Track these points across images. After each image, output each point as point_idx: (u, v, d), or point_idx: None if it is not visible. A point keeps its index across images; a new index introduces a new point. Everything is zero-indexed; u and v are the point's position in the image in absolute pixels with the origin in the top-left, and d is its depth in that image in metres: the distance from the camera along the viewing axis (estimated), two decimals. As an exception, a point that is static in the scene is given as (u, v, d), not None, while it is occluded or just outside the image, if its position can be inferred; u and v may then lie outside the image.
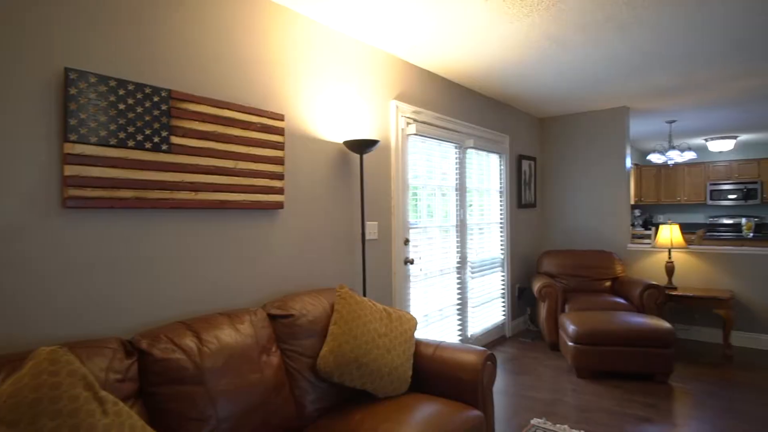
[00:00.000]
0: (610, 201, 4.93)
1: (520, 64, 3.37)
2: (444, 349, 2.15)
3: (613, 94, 4.35)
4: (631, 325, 3.35)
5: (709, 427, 2.64)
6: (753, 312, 4.13)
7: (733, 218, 7.98)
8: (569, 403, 2.98)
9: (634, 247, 4.77)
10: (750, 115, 5.39)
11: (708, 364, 3.73)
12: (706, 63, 3.43)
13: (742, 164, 7.85)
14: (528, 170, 5.12)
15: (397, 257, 3.12)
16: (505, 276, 4.65)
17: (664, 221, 8.31)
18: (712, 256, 4.33)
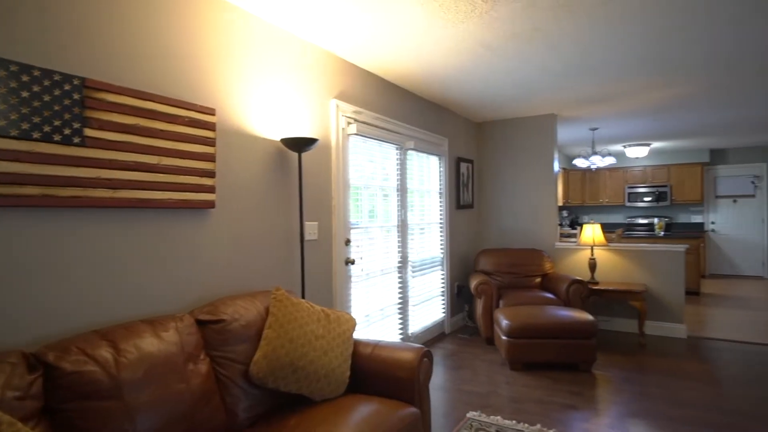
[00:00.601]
0: (540, 202, 5.21)
1: (457, 69, 3.47)
2: (382, 348, 2.15)
3: (543, 102, 4.60)
4: (558, 319, 3.55)
5: (625, 410, 2.86)
6: (663, 303, 4.54)
7: (648, 218, 8.75)
8: (503, 395, 3.10)
9: (561, 246, 5.07)
10: (661, 125, 5.93)
11: (625, 352, 4.04)
12: (624, 75, 3.72)
13: (655, 169, 8.62)
14: (466, 172, 5.28)
15: (338, 258, 3.09)
16: (445, 274, 4.76)
17: (588, 221, 8.95)
18: (628, 253, 4.70)
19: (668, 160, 8.54)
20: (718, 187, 8.44)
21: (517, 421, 2.68)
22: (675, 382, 3.32)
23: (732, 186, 8.34)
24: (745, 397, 3.03)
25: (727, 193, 8.38)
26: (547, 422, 2.68)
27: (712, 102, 4.72)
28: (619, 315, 4.76)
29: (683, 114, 5.28)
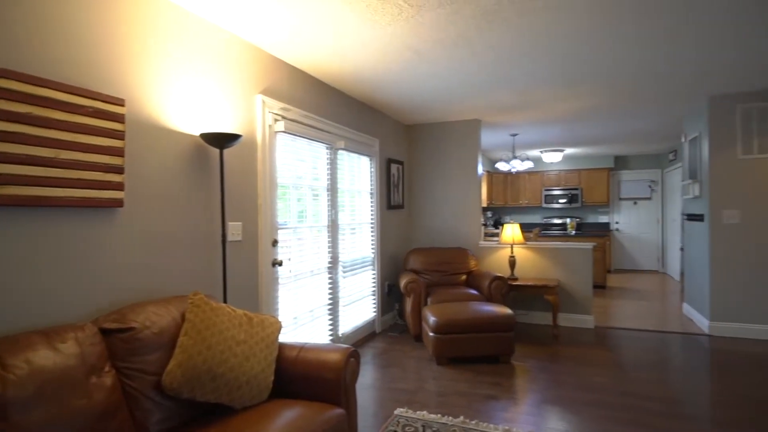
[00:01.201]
0: (466, 203, 5.44)
1: (386, 71, 3.52)
2: (308, 351, 2.11)
3: (468, 107, 4.81)
4: (480, 314, 3.72)
5: (540, 397, 3.06)
6: (574, 297, 4.93)
7: (562, 218, 9.47)
8: (429, 390, 3.19)
9: (485, 244, 5.33)
10: (572, 132, 6.44)
11: (541, 343, 4.34)
12: (539, 85, 3.99)
13: (568, 173, 9.35)
14: (397, 173, 5.36)
15: (265, 259, 3.00)
16: (376, 274, 4.80)
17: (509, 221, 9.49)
18: (544, 251, 5.05)
19: (579, 165, 9.30)
20: (622, 190, 9.35)
21: (441, 415, 2.76)
22: (584, 369, 3.62)
23: (633, 189, 9.28)
24: (642, 380, 3.37)
25: (628, 195, 9.31)
26: (469, 413, 2.80)
27: (613, 114, 5.22)
28: (536, 308, 5.10)
29: (590, 123, 5.78)
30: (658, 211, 9.09)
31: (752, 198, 4.38)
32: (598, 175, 9.09)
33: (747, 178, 4.40)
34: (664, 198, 8.90)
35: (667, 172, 8.66)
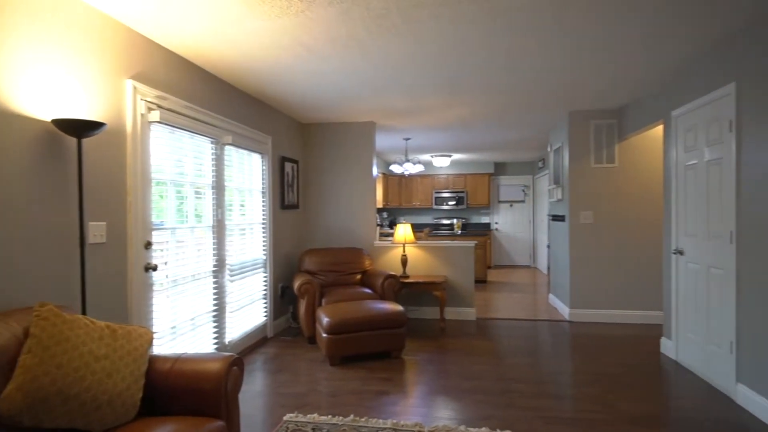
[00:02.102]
0: (362, 204, 5.51)
1: (277, 65, 3.40)
2: (185, 362, 1.94)
3: (363, 109, 4.87)
4: (373, 312, 3.79)
5: (427, 388, 3.21)
6: (459, 291, 5.28)
7: (450, 219, 10.11)
8: (322, 392, 3.15)
9: (379, 244, 5.45)
10: (458, 139, 6.91)
11: (430, 336, 4.56)
12: (428, 92, 4.19)
13: (455, 177, 10.01)
14: (291, 172, 5.23)
15: (135, 263, 2.69)
16: (268, 276, 4.62)
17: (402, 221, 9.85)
18: (433, 249, 5.33)
19: (465, 170, 10.02)
20: (500, 194, 10.29)
21: (332, 416, 2.74)
22: (467, 358, 3.88)
23: (509, 193, 10.26)
24: (516, 365, 3.73)
25: (506, 198, 10.27)
26: (360, 411, 2.82)
27: (492, 123, 5.71)
28: (426, 304, 5.36)
29: (473, 131, 6.25)
30: (530, 212, 10.17)
31: (602, 201, 5.12)
32: (480, 180, 9.88)
33: (598, 184, 5.13)
34: (535, 201, 10.00)
35: (537, 178, 9.73)
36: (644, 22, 2.71)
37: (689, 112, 3.55)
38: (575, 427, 2.60)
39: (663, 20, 2.69)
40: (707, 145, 3.30)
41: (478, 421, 2.69)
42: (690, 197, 3.57)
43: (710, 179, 3.27)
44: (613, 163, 5.10)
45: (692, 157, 3.51)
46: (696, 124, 3.46)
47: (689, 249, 3.58)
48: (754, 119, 2.76)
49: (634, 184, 5.06)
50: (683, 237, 3.68)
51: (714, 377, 3.22)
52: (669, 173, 3.90)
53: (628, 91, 4.31)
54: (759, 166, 2.72)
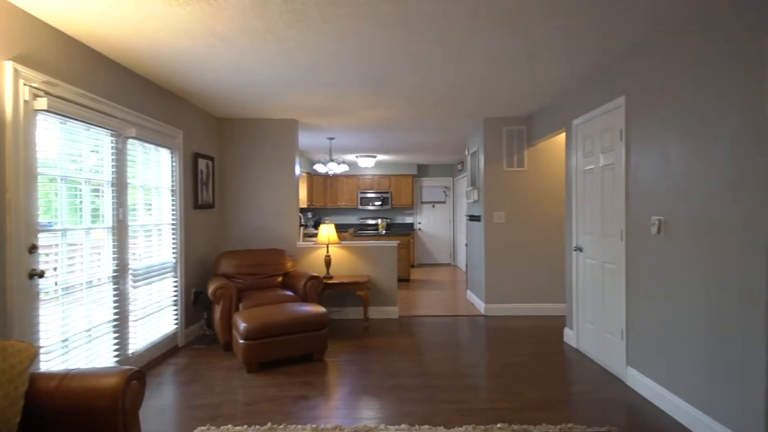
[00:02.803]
0: (284, 203, 5.36)
1: (189, 54, 3.19)
2: (74, 378, 1.74)
3: (284, 106, 4.74)
4: (294, 315, 3.70)
5: (349, 389, 3.19)
6: (382, 290, 5.34)
7: (375, 219, 10.20)
8: (237, 401, 3.00)
9: (303, 245, 5.34)
10: (382, 140, 6.99)
11: (353, 337, 4.55)
12: (350, 91, 4.18)
13: (380, 178, 10.13)
14: (206, 169, 4.94)
15: (17, 270, 2.36)
16: (179, 281, 4.31)
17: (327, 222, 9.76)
18: (357, 249, 5.34)
19: (389, 171, 10.17)
20: (423, 195, 10.59)
21: (248, 425, 2.62)
22: (390, 356, 3.93)
23: (431, 194, 10.60)
24: (435, 360, 3.84)
25: (428, 199, 10.60)
26: (278, 418, 2.73)
27: (414, 126, 5.86)
28: (350, 304, 5.34)
29: (396, 133, 6.36)
30: (450, 213, 10.59)
31: (513, 202, 5.46)
32: (404, 181, 10.10)
33: (510, 187, 5.46)
34: (455, 202, 10.43)
35: (457, 180, 10.16)
36: (548, 37, 2.92)
37: (587, 122, 3.91)
38: (487, 416, 2.74)
39: (565, 37, 2.92)
40: (602, 152, 3.65)
41: (399, 418, 2.73)
42: (588, 199, 3.92)
43: (604, 183, 3.62)
44: (522, 167, 5.46)
45: (590, 163, 3.87)
46: (593, 132, 3.81)
47: (587, 246, 3.94)
48: (639, 129, 3.11)
49: (542, 186, 5.46)
50: (582, 235, 4.04)
51: (608, 362, 3.57)
52: (570, 177, 4.26)
53: (536, 100, 4.64)
54: (642, 171, 3.06)
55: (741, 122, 2.20)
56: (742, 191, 2.20)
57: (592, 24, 2.74)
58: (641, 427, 2.60)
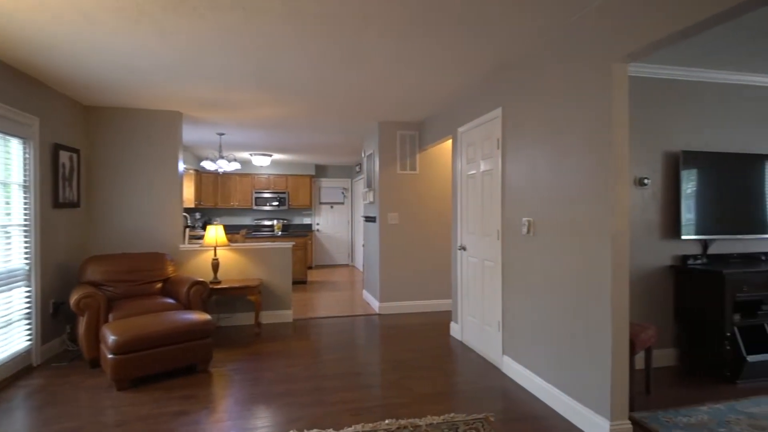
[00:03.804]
0: (165, 202, 4.92)
1: (47, 33, 2.76)
2: None
3: (165, 96, 4.35)
4: (173, 323, 3.41)
5: (235, 399, 3.03)
6: (275, 294, 5.18)
7: (271, 220, 9.87)
8: (105, 423, 2.67)
9: (186, 247, 4.95)
10: (277, 139, 6.79)
11: (244, 344, 4.34)
12: (238, 85, 3.99)
13: (276, 177, 9.83)
14: (69, 163, 4.32)
15: None
16: (33, 291, 3.71)
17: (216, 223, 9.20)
18: (248, 252, 5.11)
19: (286, 171, 9.93)
20: (321, 196, 10.52)
21: (115, 449, 2.35)
22: (282, 361, 3.82)
23: (330, 195, 10.58)
24: (329, 362, 3.82)
25: (327, 200, 10.56)
26: (153, 438, 2.49)
27: (310, 126, 5.79)
28: (240, 310, 5.09)
29: (292, 132, 6.23)
30: (348, 213, 10.68)
31: (406, 204, 5.68)
32: (302, 181, 9.93)
33: (403, 189, 5.67)
34: (353, 203, 10.54)
35: (355, 181, 10.29)
36: (437, 47, 3.09)
37: (471, 129, 4.21)
38: (377, 413, 2.80)
39: (452, 48, 3.12)
40: (482, 158, 3.97)
41: (287, 424, 2.66)
42: (471, 202, 4.23)
43: (484, 187, 3.94)
44: (415, 170, 5.71)
45: (472, 168, 4.18)
46: (475, 140, 4.12)
47: (470, 245, 4.24)
48: (513, 139, 3.43)
49: (432, 189, 5.76)
50: (466, 235, 4.34)
51: (488, 352, 3.88)
52: (456, 181, 4.56)
53: (427, 107, 4.89)
54: (515, 177, 3.38)
55: (590, 139, 2.55)
56: (590, 199, 2.55)
57: (474, 37, 2.96)
58: (513, 410, 2.87)
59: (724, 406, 2.87)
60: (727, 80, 3.77)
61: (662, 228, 3.67)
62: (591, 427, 2.51)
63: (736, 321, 3.35)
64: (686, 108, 3.72)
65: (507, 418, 2.75)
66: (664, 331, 3.69)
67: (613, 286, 2.39)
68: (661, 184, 3.66)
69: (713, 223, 3.66)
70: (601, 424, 2.43)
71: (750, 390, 3.15)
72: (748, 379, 3.29)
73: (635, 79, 3.59)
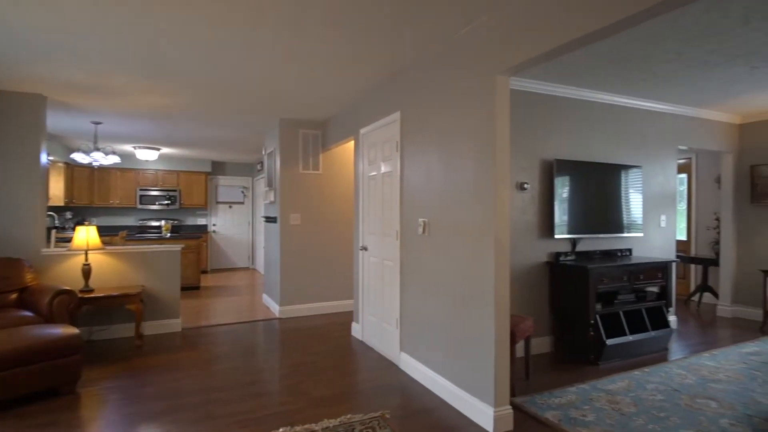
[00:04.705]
0: (24, 199, 4.21)
1: None
2: None
3: (24, 76, 3.73)
4: (27, 341, 2.91)
5: (107, 422, 2.69)
6: (161, 302, 4.73)
7: (159, 221, 9.03)
8: (-73, 469, 2.19)
9: (51, 251, 4.30)
10: (167, 131, 6.23)
11: (121, 358, 3.89)
12: (117, 69, 3.57)
13: (166, 174, 9.03)
14: None
15: None
16: None
17: (89, 223, 8.18)
18: (128, 256, 4.59)
19: (178, 167, 9.17)
20: (219, 195, 9.90)
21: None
22: (167, 375, 3.48)
23: (229, 194, 10.01)
24: (222, 372, 3.58)
25: (225, 199, 9.97)
26: (-5, 478, 2.10)
27: (206, 119, 5.41)
28: (118, 321, 4.55)
29: (185, 125, 5.76)
30: (249, 214, 10.20)
31: (309, 204, 5.57)
32: (196, 178, 9.25)
33: (306, 189, 5.56)
34: (254, 202, 10.10)
35: (256, 180, 9.86)
36: (336, 47, 3.07)
37: (372, 131, 4.26)
38: (270, 422, 2.68)
39: (352, 48, 3.11)
40: (383, 160, 4.03)
41: (170, 444, 2.43)
42: (372, 202, 4.28)
43: (385, 188, 4.01)
44: (318, 170, 5.63)
45: (374, 169, 4.23)
46: (376, 142, 4.18)
47: (371, 245, 4.29)
48: (410, 143, 3.54)
49: (336, 189, 5.73)
50: (368, 235, 4.38)
51: (387, 350, 3.95)
52: (358, 182, 4.58)
53: (330, 106, 4.84)
54: (412, 179, 3.49)
55: (477, 146, 2.71)
56: (476, 201, 2.71)
57: (373, 39, 2.98)
58: (408, 405, 2.95)
59: (588, 385, 3.25)
60: (591, 98, 4.30)
61: (540, 228, 4.06)
62: (477, 414, 2.68)
63: (598, 310, 3.82)
64: (559, 120, 4.16)
65: (402, 413, 2.81)
66: (541, 321, 4.08)
67: (496, 282, 2.57)
68: (538, 189, 4.05)
69: (580, 223, 4.15)
70: (486, 411, 2.60)
71: (609, 370, 3.62)
72: (608, 360, 3.78)
73: (519, 92, 3.92)
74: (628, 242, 4.59)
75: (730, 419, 2.70)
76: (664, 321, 4.14)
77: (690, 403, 2.93)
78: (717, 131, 5.22)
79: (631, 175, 4.46)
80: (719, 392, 3.11)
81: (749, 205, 5.33)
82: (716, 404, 2.92)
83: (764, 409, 2.83)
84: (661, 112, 4.78)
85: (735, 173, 5.43)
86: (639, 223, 4.53)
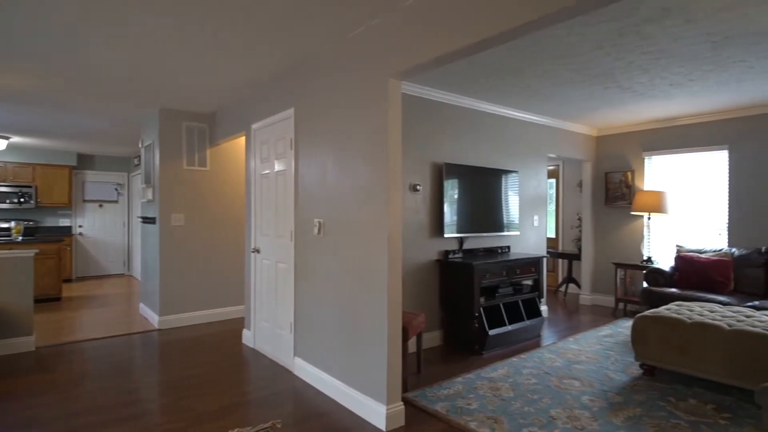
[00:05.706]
0: None
1: None
2: None
3: None
4: None
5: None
6: (8, 317, 3.98)
7: (9, 222, 7.65)
8: None
9: None
10: (18, 118, 5.29)
11: (-52, 390, 3.19)
12: (-57, 38, 2.92)
13: (18, 167, 7.70)
14: None
15: None
16: None
17: None
18: (-39, 264, 3.79)
19: (34, 159, 7.87)
20: (87, 192, 8.71)
21: None
22: (16, 404, 2.93)
23: (99, 191, 8.84)
24: (86, 394, 3.12)
25: (94, 197, 8.79)
26: None
27: (58, 103, 4.69)
28: (-54, 344, 3.74)
29: (41, 111, 4.95)
30: (124, 214, 9.14)
31: (195, 204, 5.14)
32: (58, 173, 8.03)
33: (191, 187, 5.12)
34: (131, 201, 9.06)
35: (133, 176, 8.86)
36: (224, 34, 2.85)
37: (265, 127, 4.07)
38: (146, 446, 2.40)
39: (243, 37, 2.92)
40: (276, 158, 3.87)
41: (10, 488, 2.03)
42: (265, 202, 4.09)
43: (278, 187, 3.85)
44: (205, 166, 5.23)
45: (266, 168, 4.04)
46: (269, 138, 4.00)
47: (264, 247, 4.09)
48: (305, 141, 3.44)
49: (226, 188, 5.38)
50: (260, 237, 4.17)
51: (280, 356, 3.80)
52: (249, 180, 4.34)
53: (218, 98, 4.52)
54: (307, 178, 3.40)
55: (371, 147, 2.73)
56: (370, 201, 2.73)
57: (266, 30, 2.84)
58: (301, 412, 2.86)
59: (474, 375, 3.47)
60: (476, 107, 4.62)
61: (431, 227, 4.24)
62: (370, 414, 2.69)
63: (482, 303, 4.11)
64: (449, 126, 4.40)
65: (295, 420, 2.72)
66: (433, 316, 4.27)
67: (389, 280, 2.61)
68: (430, 191, 4.23)
69: (467, 223, 4.43)
70: (378, 410, 2.62)
71: (491, 358, 3.91)
72: (490, 349, 4.08)
73: (413, 97, 4.05)
74: (507, 240, 5.02)
75: (589, 396, 3.08)
76: (537, 311, 4.60)
77: (558, 384, 3.28)
78: (579, 142, 5.96)
79: (510, 179, 4.89)
80: (582, 372, 3.54)
81: (604, 207, 6.18)
82: (579, 383, 3.31)
83: (616, 384, 3.29)
84: (535, 123, 5.32)
85: (593, 179, 6.26)
86: (516, 223, 4.98)
